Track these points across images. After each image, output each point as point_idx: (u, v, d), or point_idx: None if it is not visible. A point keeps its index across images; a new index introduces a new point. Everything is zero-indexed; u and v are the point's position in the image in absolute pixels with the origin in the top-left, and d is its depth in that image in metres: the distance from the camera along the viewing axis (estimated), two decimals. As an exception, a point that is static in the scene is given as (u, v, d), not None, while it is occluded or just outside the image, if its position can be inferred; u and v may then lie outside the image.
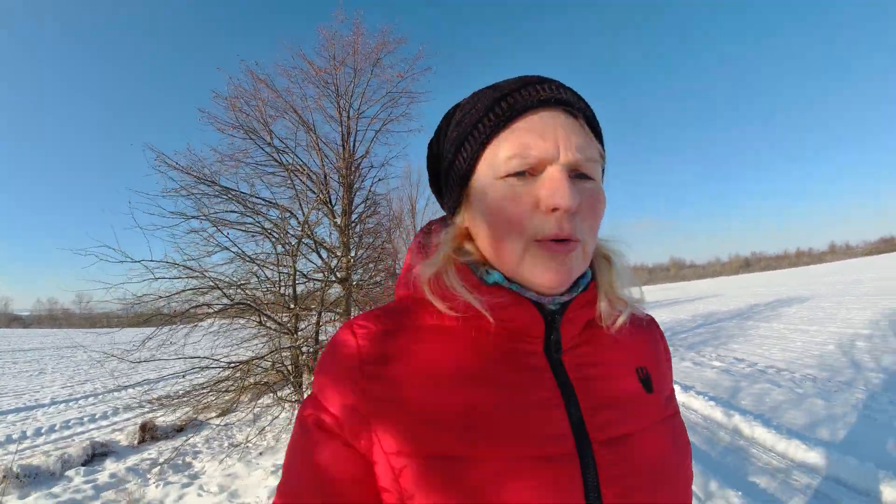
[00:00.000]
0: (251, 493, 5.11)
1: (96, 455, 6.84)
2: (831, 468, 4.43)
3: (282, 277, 9.04)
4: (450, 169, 0.77)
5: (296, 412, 7.75)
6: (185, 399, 7.57)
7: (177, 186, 8.18)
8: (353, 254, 10.35)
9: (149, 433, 7.75)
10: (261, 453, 6.42)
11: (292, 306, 8.60)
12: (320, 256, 9.83)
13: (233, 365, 7.80)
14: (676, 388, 6.23)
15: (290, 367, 8.28)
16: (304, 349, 8.51)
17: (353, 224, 10.78)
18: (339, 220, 10.23)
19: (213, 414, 8.16)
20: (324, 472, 0.64)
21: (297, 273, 8.97)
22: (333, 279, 9.57)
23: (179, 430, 8.18)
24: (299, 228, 9.17)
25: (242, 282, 8.57)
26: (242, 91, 9.64)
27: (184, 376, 7.35)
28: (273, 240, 9.11)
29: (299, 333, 8.62)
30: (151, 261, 7.25)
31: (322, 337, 9.08)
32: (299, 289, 9.15)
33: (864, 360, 8.69)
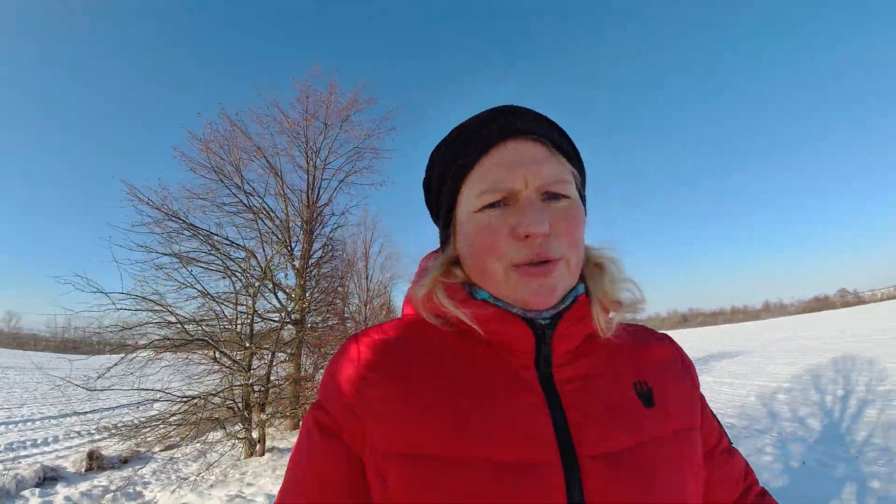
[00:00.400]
0: None
1: (47, 479, 6.97)
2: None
3: (239, 316, 9.36)
4: (437, 206, 0.84)
5: (243, 448, 8.16)
6: (140, 429, 7.76)
7: (147, 220, 8.66)
8: (308, 296, 10.86)
9: (96, 462, 7.85)
10: (211, 486, 6.69)
11: (248, 345, 8.95)
12: (277, 298, 10.25)
13: (185, 399, 8.12)
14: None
15: (240, 405, 8.59)
16: (256, 388, 8.84)
17: (311, 268, 11.32)
18: (297, 264, 10.76)
19: (158, 448, 8.43)
20: (321, 471, 0.68)
21: (255, 313, 9.35)
22: (288, 321, 9.98)
23: (125, 461, 8.29)
24: (260, 270, 9.63)
25: (201, 318, 8.88)
26: (217, 135, 10.29)
27: (138, 407, 7.65)
28: (234, 279, 9.50)
29: (252, 372, 8.95)
30: (120, 293, 7.71)
31: (273, 377, 9.51)
32: (255, 328, 9.46)
33: (782, 410, 9.32)
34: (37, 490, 6.37)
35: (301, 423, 0.78)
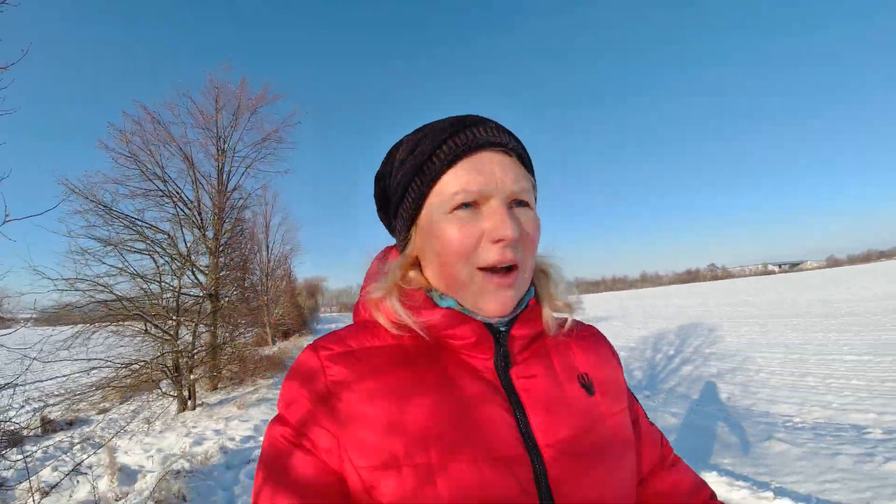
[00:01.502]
0: (177, 447, 6.94)
1: (14, 440, 7.73)
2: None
3: (165, 292, 10.75)
4: (399, 205, 0.83)
5: (175, 404, 9.60)
6: (86, 393, 9.06)
7: (79, 208, 9.86)
8: (222, 273, 12.38)
9: (49, 425, 8.77)
10: (161, 432, 8.17)
11: (174, 317, 10.40)
12: (196, 277, 11.69)
13: (126, 365, 9.57)
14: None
15: (171, 368, 10.03)
16: (185, 354, 10.30)
17: (222, 248, 12.74)
18: (210, 244, 12.17)
19: (95, 412, 9.72)
20: (303, 490, 0.68)
21: (180, 290, 10.78)
22: (202, 294, 11.45)
23: (70, 423, 9.27)
24: (180, 252, 11.12)
25: (133, 296, 10.25)
26: (137, 127, 11.38)
27: (89, 373, 8.93)
28: (157, 260, 10.87)
29: (180, 340, 10.42)
30: (68, 278, 9.08)
31: (199, 343, 11.04)
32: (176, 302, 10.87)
33: (615, 366, 11.20)
34: (13, 449, 7.17)
35: (265, 443, 0.76)
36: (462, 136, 0.77)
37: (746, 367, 9.37)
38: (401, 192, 0.82)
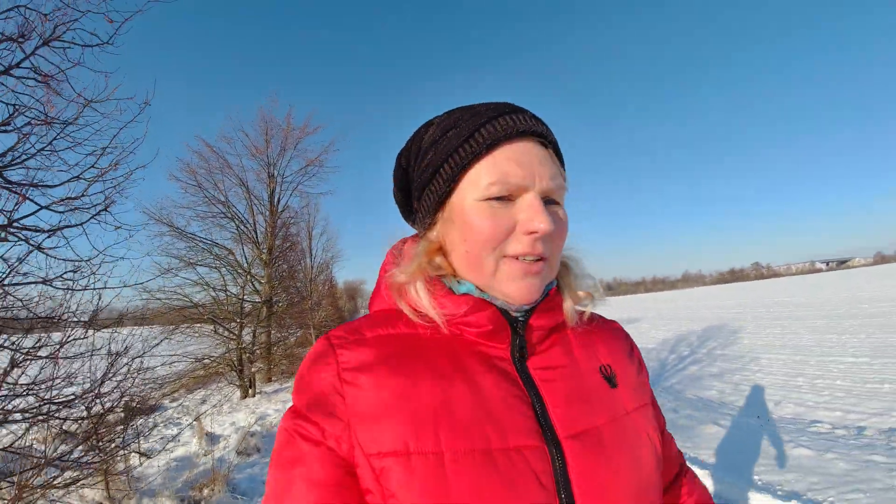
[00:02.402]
0: (246, 420, 8.82)
1: (111, 422, 9.45)
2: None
3: (229, 298, 13.06)
4: (426, 188, 0.79)
5: (240, 392, 11.46)
6: (164, 384, 10.84)
7: (156, 231, 12.16)
8: (275, 283, 14.54)
9: (131, 411, 10.35)
10: (229, 412, 10.15)
11: (238, 320, 12.62)
12: (254, 287, 13.90)
13: (199, 360, 11.83)
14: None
15: (235, 362, 12.18)
16: (247, 350, 12.49)
17: (275, 261, 14.83)
18: (265, 258, 14.29)
19: (167, 400, 11.62)
20: (308, 479, 0.66)
21: (239, 298, 13.04)
22: (263, 301, 13.64)
23: (150, 409, 10.89)
24: (241, 266, 13.39)
25: (205, 303, 12.55)
26: (202, 160, 13.68)
27: (169, 366, 11.02)
28: (223, 272, 13.20)
29: (243, 339, 12.56)
30: (147, 291, 11.27)
31: (257, 342, 13.22)
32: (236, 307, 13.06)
33: (629, 364, 11.73)
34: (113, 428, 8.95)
35: (278, 433, 0.74)
36: (502, 122, 0.73)
37: (749, 367, 9.61)
38: (430, 173, 0.77)
